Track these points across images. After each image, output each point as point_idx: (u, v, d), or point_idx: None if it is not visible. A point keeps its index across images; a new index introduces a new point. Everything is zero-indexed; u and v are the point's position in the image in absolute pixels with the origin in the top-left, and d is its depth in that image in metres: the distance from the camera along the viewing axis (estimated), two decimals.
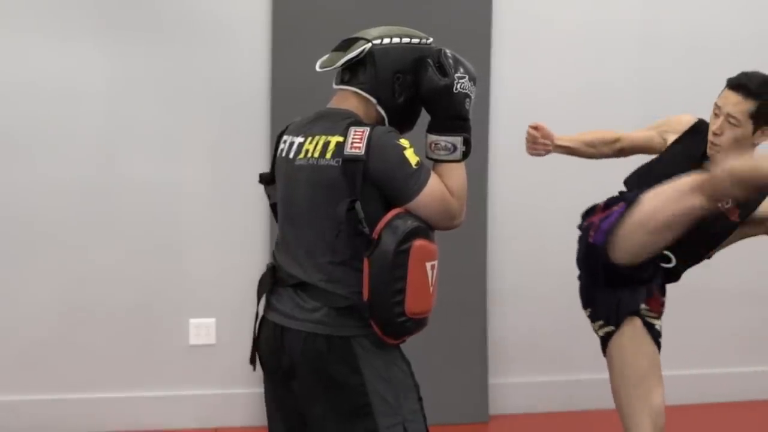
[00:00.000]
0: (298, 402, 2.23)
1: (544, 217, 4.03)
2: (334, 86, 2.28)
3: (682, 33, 4.13)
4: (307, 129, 2.21)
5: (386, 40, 2.21)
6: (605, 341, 2.85)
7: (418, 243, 2.14)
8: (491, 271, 4.02)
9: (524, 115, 3.64)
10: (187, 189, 3.86)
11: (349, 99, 2.24)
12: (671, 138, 2.95)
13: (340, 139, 2.11)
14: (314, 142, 2.16)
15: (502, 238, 4.03)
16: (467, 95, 2.25)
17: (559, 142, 3.02)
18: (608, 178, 3.00)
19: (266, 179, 2.37)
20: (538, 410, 4.09)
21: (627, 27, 4.10)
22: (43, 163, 3.72)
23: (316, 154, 2.14)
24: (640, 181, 2.92)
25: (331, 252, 2.14)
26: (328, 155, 2.11)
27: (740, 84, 2.72)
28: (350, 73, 2.23)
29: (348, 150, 2.08)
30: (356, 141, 2.08)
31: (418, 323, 2.17)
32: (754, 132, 2.73)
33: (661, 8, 4.11)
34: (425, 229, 2.18)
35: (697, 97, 3.01)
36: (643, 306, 2.85)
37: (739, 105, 2.71)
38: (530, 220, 4.05)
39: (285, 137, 2.28)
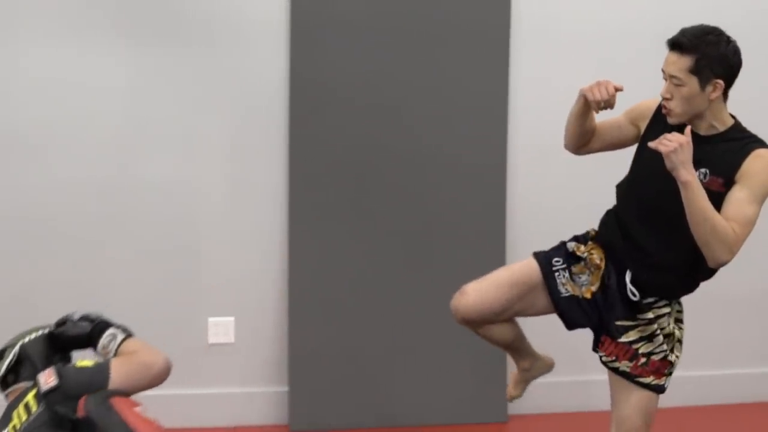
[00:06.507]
0: None
1: (564, 217, 4.00)
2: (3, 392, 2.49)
3: None
4: (3, 423, 2.38)
5: (27, 338, 2.51)
6: None
7: (116, 398, 2.35)
8: None
9: (543, 115, 3.63)
10: (205, 188, 3.87)
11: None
12: (644, 125, 2.85)
13: (33, 391, 2.33)
14: (16, 415, 2.32)
15: (520, 238, 4.01)
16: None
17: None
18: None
19: None
20: (557, 410, 4.08)
21: (647, 25, 4.07)
22: (61, 162, 3.74)
23: (24, 417, 2.30)
24: (630, 188, 2.88)
25: None
26: (34, 408, 2.30)
27: (675, 42, 2.64)
28: (14, 374, 2.46)
29: (44, 386, 2.31)
30: (47, 377, 2.33)
31: None
32: (702, 88, 2.60)
33: (682, 8, 4.07)
34: (116, 391, 2.39)
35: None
36: (599, 353, 2.88)
37: (677, 63, 2.60)
38: (550, 221, 4.03)
39: None
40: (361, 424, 3.90)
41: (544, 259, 2.93)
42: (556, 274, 2.90)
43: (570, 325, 2.97)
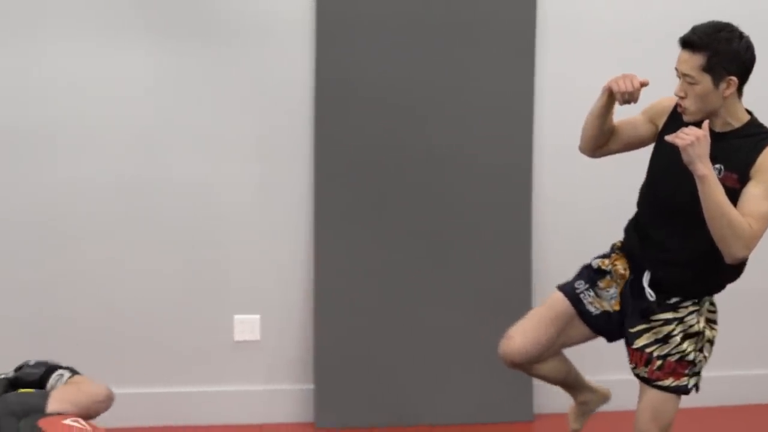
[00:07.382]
0: None
1: (590, 216, 3.99)
2: None
3: None
4: None
5: None
6: None
7: (43, 420, 2.42)
8: (536, 272, 3.99)
9: (569, 115, 3.59)
10: (231, 188, 3.88)
11: None
12: (661, 123, 2.85)
13: None
14: None
15: (546, 238, 4.01)
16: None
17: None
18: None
19: None
20: None
21: (674, 24, 4.04)
22: (88, 162, 3.76)
23: None
24: (649, 188, 2.90)
25: None
26: None
27: (686, 40, 2.64)
28: None
29: None
30: None
31: None
32: (716, 85, 2.60)
33: (710, 6, 4.05)
34: (50, 413, 2.48)
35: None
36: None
37: (689, 62, 2.61)
38: (576, 221, 4.02)
39: None
40: (386, 422, 3.91)
41: (568, 287, 3.00)
42: (581, 296, 2.97)
43: (609, 338, 3.02)
